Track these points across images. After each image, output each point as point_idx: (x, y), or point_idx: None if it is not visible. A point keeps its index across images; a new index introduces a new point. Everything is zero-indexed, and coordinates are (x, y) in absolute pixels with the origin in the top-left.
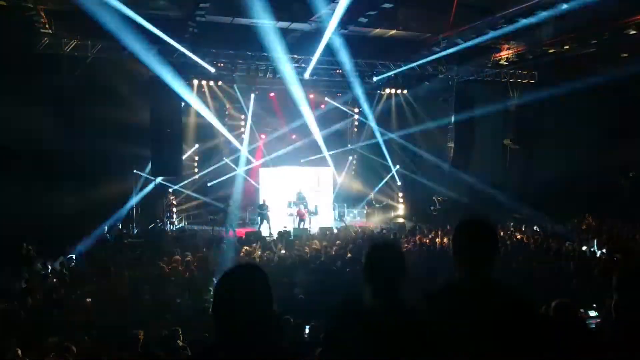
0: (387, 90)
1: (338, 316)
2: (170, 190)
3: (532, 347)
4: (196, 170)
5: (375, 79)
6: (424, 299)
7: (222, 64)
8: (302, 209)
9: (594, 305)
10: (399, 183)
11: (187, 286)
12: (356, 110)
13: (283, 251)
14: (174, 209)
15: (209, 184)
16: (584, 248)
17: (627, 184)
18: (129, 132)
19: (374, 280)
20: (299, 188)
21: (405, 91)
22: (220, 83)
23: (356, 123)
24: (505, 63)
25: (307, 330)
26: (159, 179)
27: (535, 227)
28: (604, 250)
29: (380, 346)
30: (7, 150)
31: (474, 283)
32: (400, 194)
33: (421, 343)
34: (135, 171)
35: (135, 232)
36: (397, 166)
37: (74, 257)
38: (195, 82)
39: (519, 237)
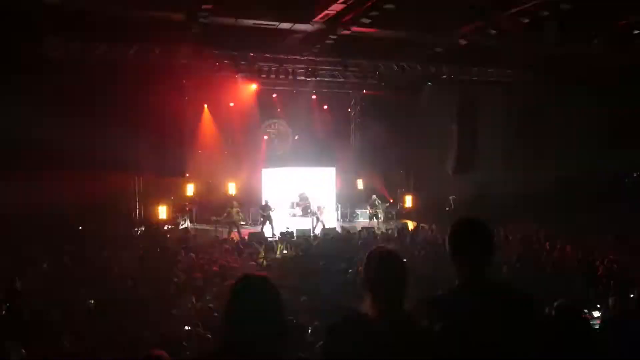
0: (390, 90)
1: (338, 332)
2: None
3: (536, 347)
4: (198, 170)
5: (377, 79)
6: (426, 304)
7: (224, 65)
8: (318, 207)
9: (598, 305)
10: (402, 183)
11: (189, 286)
12: (359, 110)
13: (285, 252)
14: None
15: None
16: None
17: (631, 184)
18: (131, 133)
19: (376, 293)
20: (302, 189)
21: (407, 91)
22: (222, 84)
23: (359, 123)
24: (507, 62)
25: (309, 331)
26: None
27: (538, 227)
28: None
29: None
30: (8, 149)
31: (475, 285)
32: (403, 194)
33: (427, 355)
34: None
35: (138, 232)
36: (401, 167)
37: None
38: (198, 82)
39: (522, 237)
